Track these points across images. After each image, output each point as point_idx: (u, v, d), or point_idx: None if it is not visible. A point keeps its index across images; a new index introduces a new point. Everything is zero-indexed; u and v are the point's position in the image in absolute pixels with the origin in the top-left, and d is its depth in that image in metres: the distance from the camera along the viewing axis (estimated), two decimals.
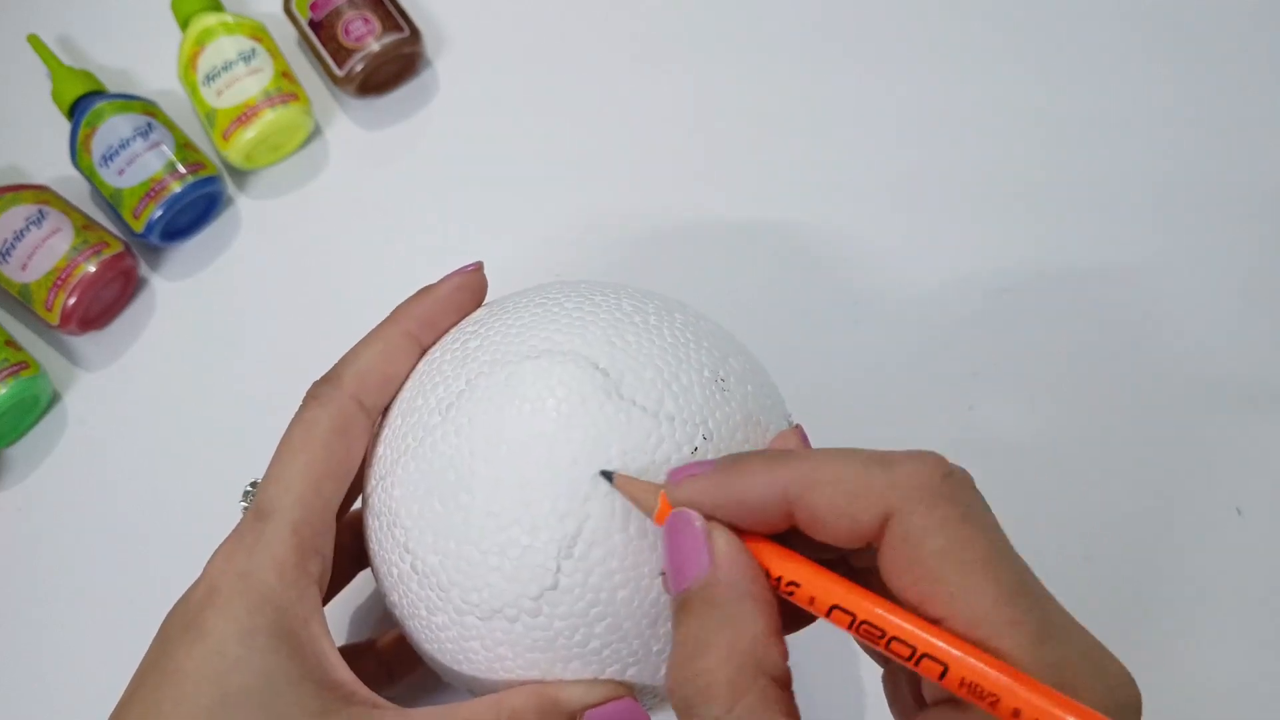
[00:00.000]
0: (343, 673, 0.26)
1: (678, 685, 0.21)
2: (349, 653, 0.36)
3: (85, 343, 0.49)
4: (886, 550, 0.21)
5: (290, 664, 0.25)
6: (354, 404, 0.29)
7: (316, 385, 0.30)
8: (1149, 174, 0.47)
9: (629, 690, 0.28)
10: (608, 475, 0.25)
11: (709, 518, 0.23)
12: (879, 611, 0.21)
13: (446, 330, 0.31)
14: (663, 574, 0.25)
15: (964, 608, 0.20)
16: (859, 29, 0.52)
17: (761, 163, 0.49)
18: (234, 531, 0.27)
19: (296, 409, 0.30)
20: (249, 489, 0.34)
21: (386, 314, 0.46)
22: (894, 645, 0.20)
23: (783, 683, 0.21)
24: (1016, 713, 0.19)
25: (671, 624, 0.23)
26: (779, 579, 0.22)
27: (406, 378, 0.31)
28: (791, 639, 0.23)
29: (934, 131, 0.49)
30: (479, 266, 0.32)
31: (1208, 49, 0.50)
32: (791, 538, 0.23)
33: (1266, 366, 0.43)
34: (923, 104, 0.50)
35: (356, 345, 0.31)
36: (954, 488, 0.21)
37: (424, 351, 0.31)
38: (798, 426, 0.27)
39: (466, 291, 0.31)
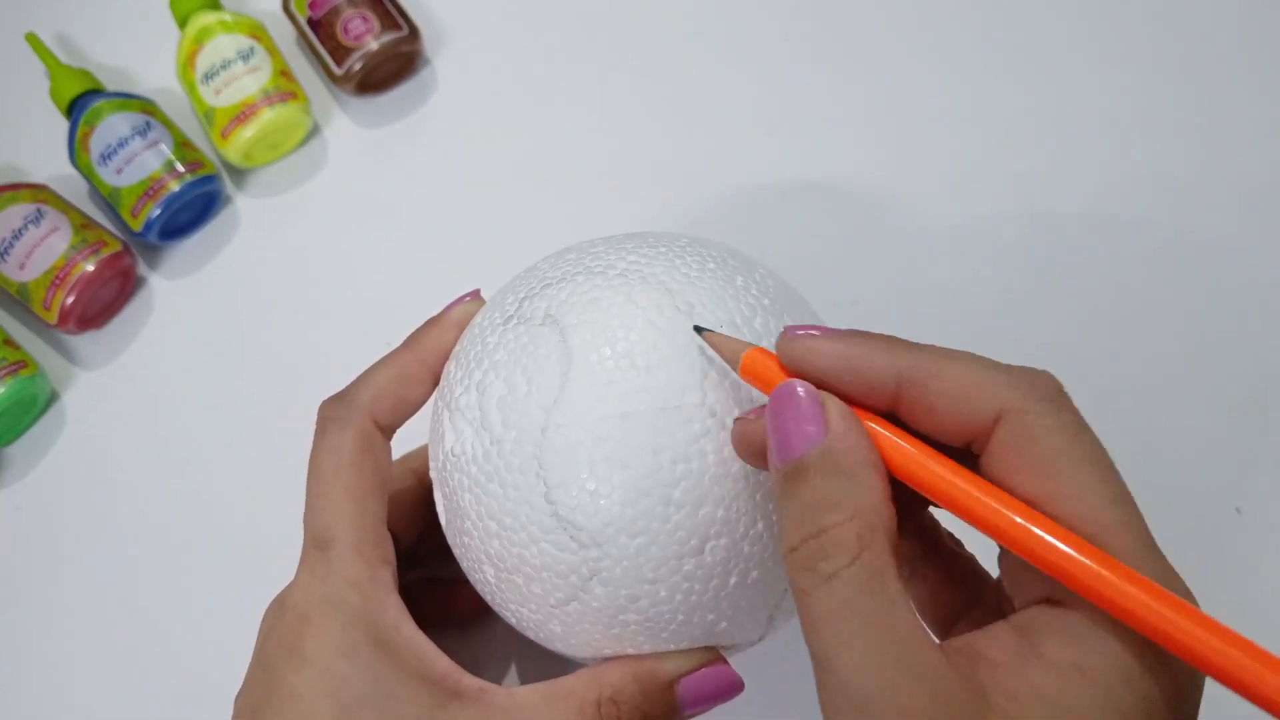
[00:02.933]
0: (443, 663, 0.28)
1: (799, 543, 0.21)
2: (429, 588, 0.37)
3: (84, 342, 0.49)
4: (997, 446, 0.22)
5: (394, 668, 0.27)
6: (371, 424, 0.30)
7: (330, 405, 0.31)
8: (1127, 162, 0.47)
9: (719, 654, 0.28)
10: (699, 330, 0.26)
11: (818, 385, 0.23)
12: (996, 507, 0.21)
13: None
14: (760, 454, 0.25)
15: (1078, 505, 0.20)
16: (850, 28, 0.52)
17: (762, 162, 0.49)
18: (301, 562, 0.29)
19: (314, 427, 0.30)
20: None
21: (385, 313, 0.47)
22: (1010, 532, 0.20)
23: (895, 544, 0.21)
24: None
25: (778, 495, 0.23)
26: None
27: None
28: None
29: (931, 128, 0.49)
30: (477, 294, 0.33)
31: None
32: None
33: (1265, 365, 0.43)
34: (923, 105, 0.50)
35: (371, 368, 0.31)
36: (1068, 399, 0.22)
37: (438, 379, 0.31)
38: None
39: (465, 325, 0.32)
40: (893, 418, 0.23)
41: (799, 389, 0.23)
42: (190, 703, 0.40)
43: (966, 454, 0.23)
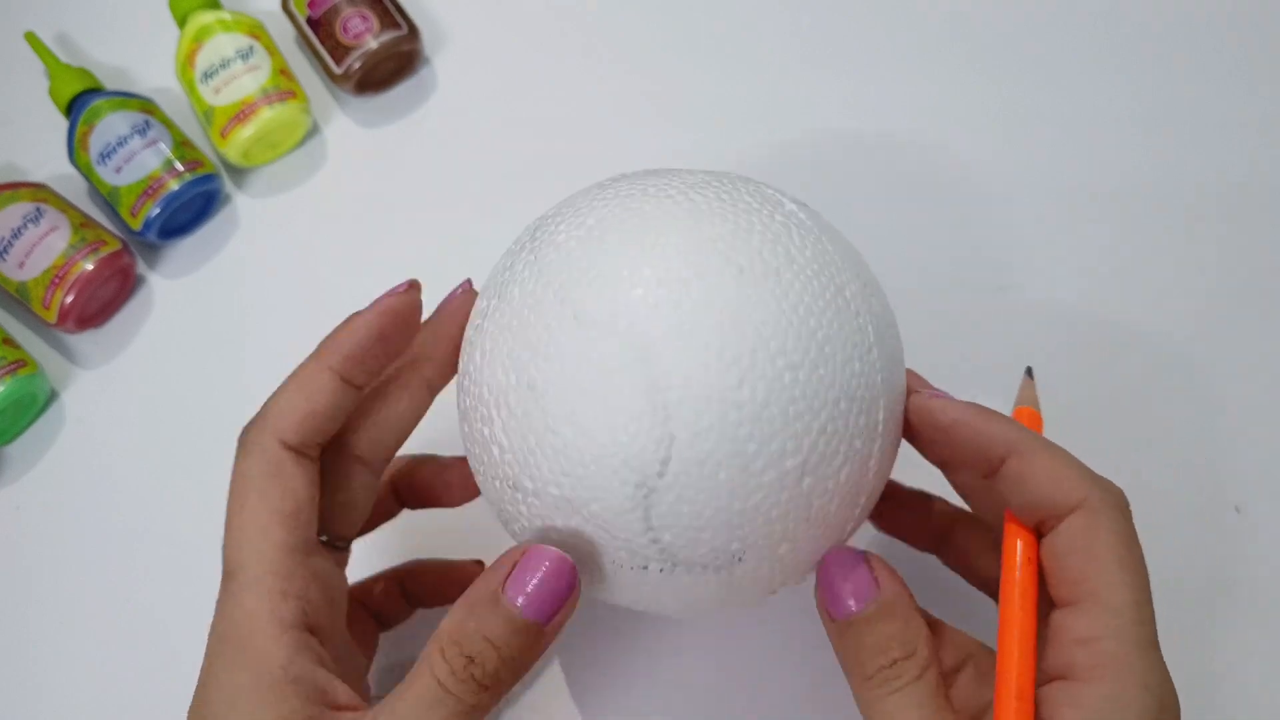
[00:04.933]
0: (341, 696, 0.27)
1: (875, 672, 0.27)
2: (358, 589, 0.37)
3: (83, 341, 0.49)
4: (1068, 531, 0.26)
5: (274, 713, 0.26)
6: (277, 445, 0.29)
7: (244, 430, 0.31)
8: (1120, 166, 0.47)
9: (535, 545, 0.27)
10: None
11: (939, 430, 0.28)
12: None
13: (373, 363, 0.31)
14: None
15: (1113, 598, 0.25)
16: (852, 32, 0.52)
17: (761, 162, 0.49)
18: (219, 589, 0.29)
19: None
20: None
21: None
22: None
23: (940, 669, 0.28)
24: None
25: (840, 637, 0.27)
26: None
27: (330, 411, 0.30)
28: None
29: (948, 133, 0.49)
30: (410, 286, 0.32)
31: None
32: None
33: (1266, 364, 0.43)
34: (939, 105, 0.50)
35: (280, 385, 0.31)
36: (1130, 514, 0.27)
37: (345, 382, 0.30)
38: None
39: (392, 317, 0.31)
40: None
41: (849, 555, 0.28)
42: (189, 702, 0.40)
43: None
